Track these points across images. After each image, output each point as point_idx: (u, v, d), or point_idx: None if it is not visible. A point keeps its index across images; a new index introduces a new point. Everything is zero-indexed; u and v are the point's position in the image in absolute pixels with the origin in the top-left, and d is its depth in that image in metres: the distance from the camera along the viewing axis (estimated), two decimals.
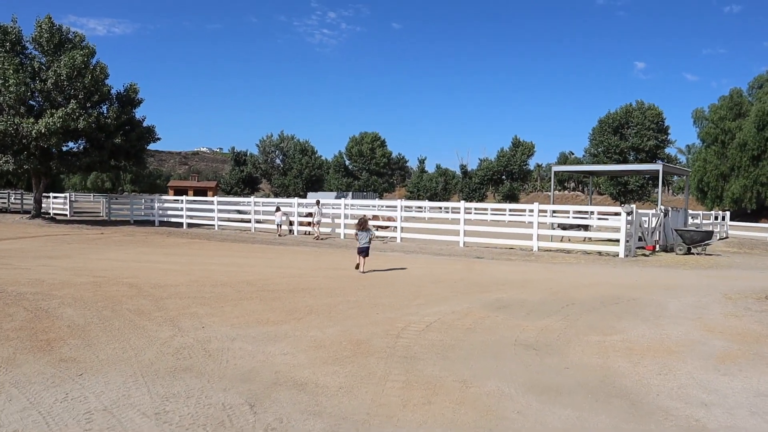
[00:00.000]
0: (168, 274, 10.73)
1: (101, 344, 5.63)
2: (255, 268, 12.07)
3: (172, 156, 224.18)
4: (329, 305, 7.86)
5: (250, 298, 8.32)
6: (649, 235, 18.22)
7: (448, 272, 12.30)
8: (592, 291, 9.99)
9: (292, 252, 16.45)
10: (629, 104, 72.01)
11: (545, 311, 7.91)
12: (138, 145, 29.40)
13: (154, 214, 28.99)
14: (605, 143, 70.60)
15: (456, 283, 10.47)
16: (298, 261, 13.94)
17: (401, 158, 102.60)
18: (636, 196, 70.84)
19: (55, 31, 26.93)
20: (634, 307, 8.50)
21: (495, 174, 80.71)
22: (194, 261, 13.18)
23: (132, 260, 12.95)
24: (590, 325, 7.09)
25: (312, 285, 9.70)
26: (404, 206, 22.24)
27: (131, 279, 9.91)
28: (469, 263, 14.29)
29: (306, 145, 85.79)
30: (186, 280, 9.88)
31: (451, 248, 18.35)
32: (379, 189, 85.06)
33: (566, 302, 8.70)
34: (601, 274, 12.82)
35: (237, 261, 13.50)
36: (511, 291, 9.67)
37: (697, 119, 63.35)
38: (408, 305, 8.04)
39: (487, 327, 6.78)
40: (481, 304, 8.26)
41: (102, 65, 27.57)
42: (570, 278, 11.77)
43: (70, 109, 24.99)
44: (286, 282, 9.98)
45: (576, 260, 15.80)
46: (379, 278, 10.85)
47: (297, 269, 12.02)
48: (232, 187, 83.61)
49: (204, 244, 18.30)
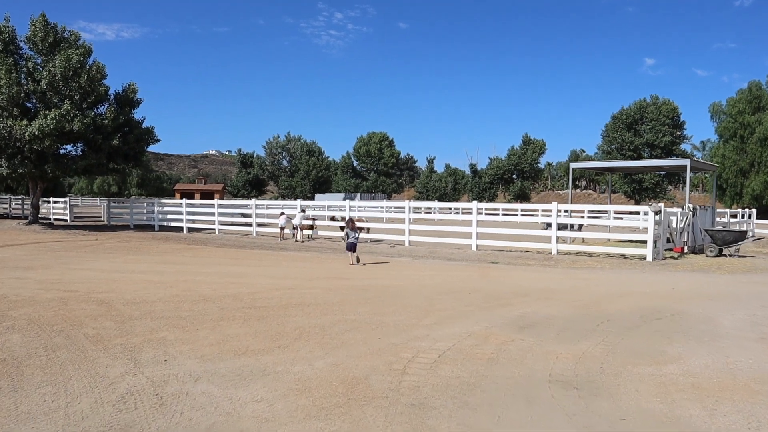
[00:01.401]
0: (148, 286, 9.61)
1: (31, 388, 4.49)
2: (247, 278, 10.92)
3: (181, 159, 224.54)
4: (323, 326, 6.69)
5: (232, 317, 7.17)
6: (677, 235, 16.89)
7: (462, 281, 11.09)
8: (627, 303, 8.75)
9: (292, 258, 15.30)
10: (643, 99, 70.29)
11: (578, 331, 6.69)
12: (137, 147, 28.43)
13: (154, 219, 28.01)
14: (619, 140, 68.96)
15: (471, 294, 9.26)
16: (297, 269, 12.79)
17: (410, 158, 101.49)
18: (651, 194, 69.11)
19: (49, 30, 25.99)
20: (680, 323, 7.26)
21: (505, 173, 79.23)
22: (183, 270, 12.07)
23: (115, 270, 11.85)
24: (636, 350, 5.87)
25: (307, 299, 8.53)
26: (413, 207, 21.04)
27: (104, 294, 8.80)
28: (484, 269, 13.06)
29: (313, 146, 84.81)
30: (166, 295, 8.74)
31: (463, 252, 17.12)
32: (387, 190, 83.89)
33: (600, 318, 7.47)
34: (632, 281, 11.54)
35: (230, 270, 12.37)
36: (535, 304, 8.45)
37: (715, 113, 61.53)
38: (416, 325, 6.84)
39: (513, 355, 5.57)
40: (503, 323, 7.05)
41: (99, 65, 26.61)
42: (598, 287, 10.52)
43: (64, 110, 24.04)
44: (279, 295, 8.81)
45: (599, 264, 14.53)
46: (384, 289, 9.67)
47: (293, 279, 10.86)
48: (239, 190, 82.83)
49: (200, 251, 17.20)
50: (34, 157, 25.16)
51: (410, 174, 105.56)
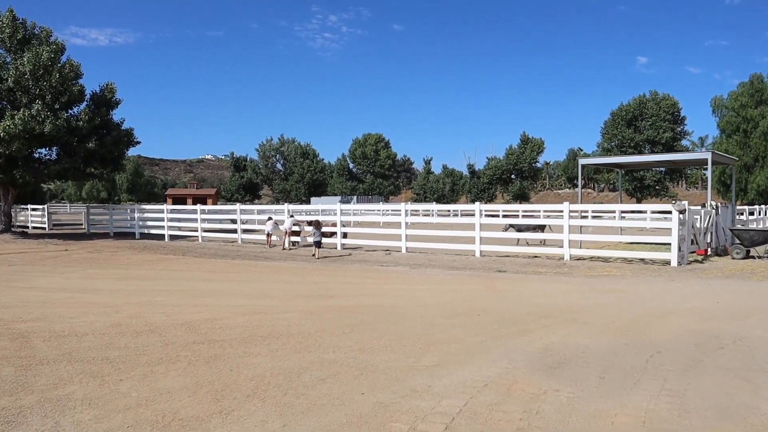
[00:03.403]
0: (90, 311, 7.95)
1: None
2: (215, 297, 9.28)
3: (176, 164, 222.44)
4: (290, 373, 5.05)
5: (175, 358, 5.53)
6: (701, 236, 15.31)
7: (467, 296, 9.46)
8: (672, 325, 7.14)
9: (275, 270, 13.66)
10: (642, 95, 68.74)
11: (626, 371, 5.08)
12: (115, 150, 26.71)
13: (134, 226, 26.31)
14: (619, 136, 67.41)
15: (480, 316, 7.63)
16: (277, 284, 11.14)
17: (406, 160, 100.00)
18: (653, 192, 67.63)
19: (18, 25, 24.33)
20: (750, 354, 5.66)
21: (504, 173, 77.71)
22: (144, 288, 10.41)
23: (63, 289, 10.19)
24: (714, 403, 4.26)
25: (279, 328, 6.89)
26: (410, 210, 19.42)
27: (29, 323, 7.15)
28: (491, 280, 11.43)
29: (307, 148, 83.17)
30: (105, 324, 7.09)
31: (466, 259, 15.50)
32: (384, 192, 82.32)
33: (647, 349, 5.86)
34: (665, 293, 9.93)
35: (199, 287, 10.72)
36: (560, 330, 6.83)
37: (716, 108, 60.04)
38: (413, 367, 5.22)
39: (552, 422, 3.94)
40: (526, 361, 5.43)
41: (73, 63, 24.92)
42: (628, 302, 8.90)
43: (34, 111, 22.38)
44: (244, 323, 7.17)
45: (619, 271, 12.92)
46: (375, 311, 8.03)
47: (269, 298, 9.22)
48: (232, 194, 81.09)
49: (174, 262, 15.55)
50: (2, 162, 23.48)
51: (407, 176, 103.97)
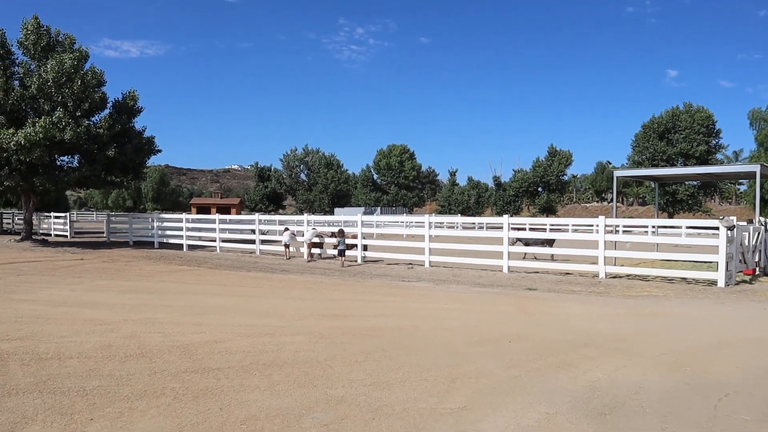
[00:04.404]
0: (83, 329, 7.30)
1: None
2: (221, 315, 8.57)
3: (203, 174, 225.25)
4: (288, 414, 4.27)
5: (160, 392, 4.79)
6: (749, 255, 14.16)
7: (496, 320, 8.59)
8: (735, 359, 6.17)
9: (290, 284, 12.94)
10: (676, 107, 66.81)
11: (692, 421, 4.18)
12: (136, 158, 26.50)
13: (153, 235, 25.97)
14: (651, 149, 65.57)
15: (512, 344, 6.76)
16: (290, 300, 10.40)
17: (431, 171, 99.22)
18: (685, 206, 65.53)
19: (42, 33, 24.35)
20: None
21: (531, 185, 76.26)
22: (148, 303, 9.76)
23: (63, 303, 9.61)
24: None
25: (284, 354, 6.12)
26: (434, 223, 18.60)
27: (15, 342, 6.51)
28: (522, 300, 10.52)
29: (332, 158, 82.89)
30: (94, 346, 6.42)
31: (493, 276, 14.58)
32: (408, 203, 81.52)
33: (712, 391, 4.93)
34: (717, 319, 8.91)
35: (206, 302, 10.04)
36: (605, 362, 5.92)
37: (754, 120, 58.16)
38: (435, 412, 4.39)
39: None
40: (569, 405, 4.55)
41: (95, 70, 24.84)
42: (678, 329, 7.92)
43: (56, 118, 22.23)
44: (246, 347, 6.42)
45: (660, 292, 11.88)
46: (394, 335, 7.22)
47: (279, 317, 8.47)
48: (256, 204, 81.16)
49: (188, 274, 14.96)
50: (23, 169, 23.38)
51: (432, 187, 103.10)
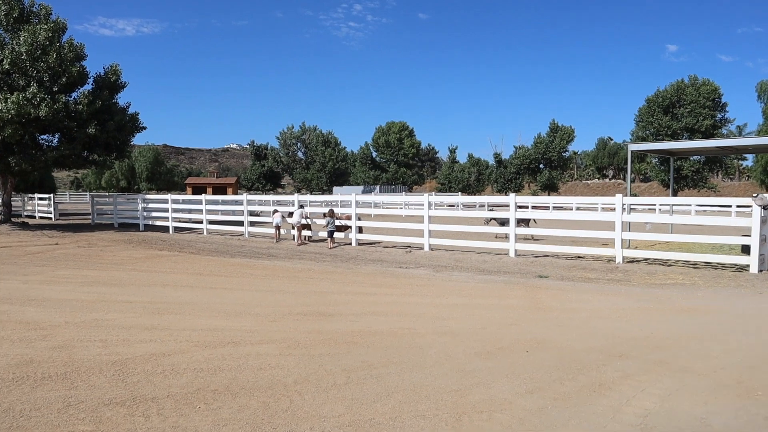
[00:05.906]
0: (6, 338, 6.02)
1: None
2: (180, 315, 7.29)
3: (202, 153, 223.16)
4: None
5: None
6: None
7: (507, 318, 7.33)
8: None
9: (273, 273, 11.68)
10: (681, 80, 64.98)
11: None
12: (119, 136, 25.06)
13: (138, 217, 24.68)
14: (655, 124, 63.93)
15: (529, 354, 5.50)
16: (268, 294, 9.14)
17: (431, 149, 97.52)
18: (690, 183, 64.17)
19: (14, 3, 22.73)
20: None
21: (532, 162, 74.70)
22: (104, 298, 8.49)
23: (7, 299, 8.32)
24: None
25: (244, 373, 4.86)
26: (434, 203, 17.29)
27: None
28: (534, 291, 9.26)
29: (329, 136, 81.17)
30: (10, 362, 5.15)
31: (499, 260, 13.32)
32: (408, 181, 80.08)
33: None
34: (766, 314, 7.66)
35: (170, 296, 8.79)
36: (651, 383, 4.65)
37: (762, 93, 56.38)
38: None
39: None
40: None
41: (73, 42, 23.30)
42: (726, 331, 6.64)
43: (30, 94, 20.80)
44: (200, 362, 5.16)
45: (687, 279, 10.62)
46: (385, 343, 5.96)
47: (251, 317, 7.20)
48: (253, 183, 79.73)
49: (163, 260, 13.70)
50: None
51: (431, 165, 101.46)
